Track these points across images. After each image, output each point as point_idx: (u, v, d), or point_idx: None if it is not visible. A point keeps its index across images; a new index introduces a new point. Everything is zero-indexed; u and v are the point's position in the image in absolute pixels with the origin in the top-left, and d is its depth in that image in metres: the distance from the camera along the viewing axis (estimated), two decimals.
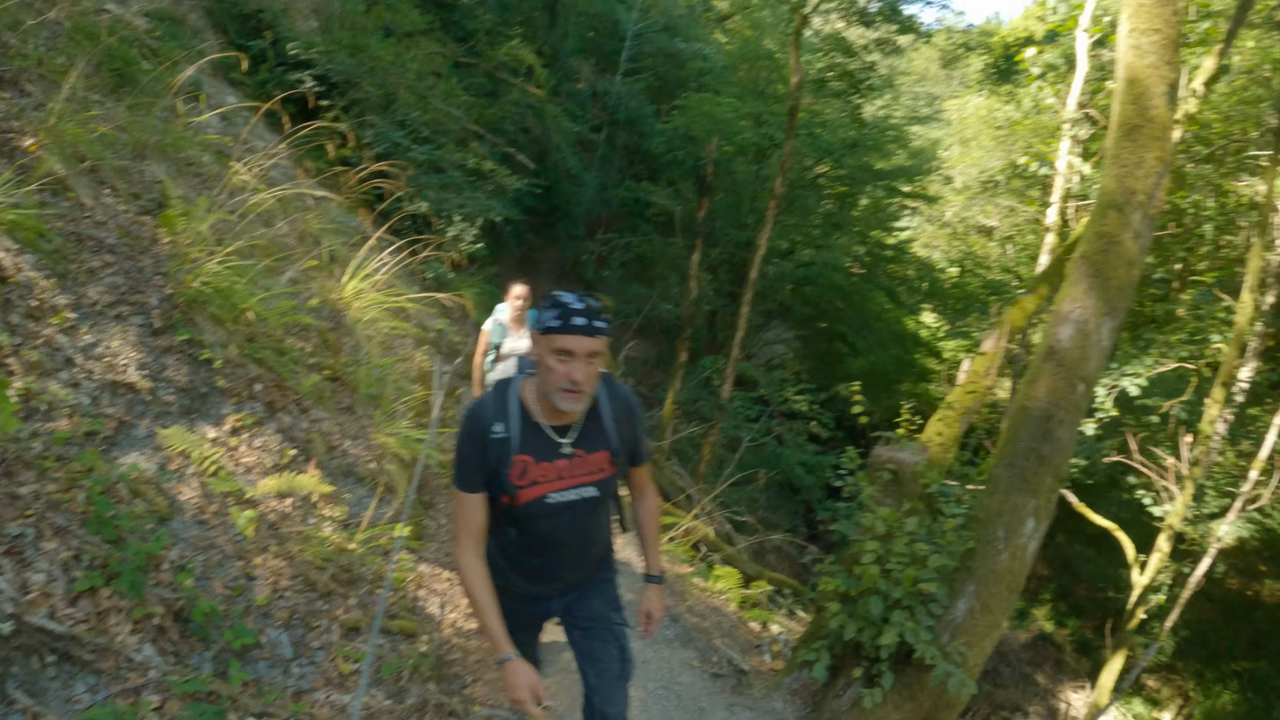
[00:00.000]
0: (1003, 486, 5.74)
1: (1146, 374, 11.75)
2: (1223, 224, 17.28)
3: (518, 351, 6.67)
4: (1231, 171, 15.54)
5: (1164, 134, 5.97)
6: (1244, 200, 14.87)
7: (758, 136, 19.98)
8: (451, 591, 5.80)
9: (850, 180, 22.53)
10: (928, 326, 27.44)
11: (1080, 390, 5.81)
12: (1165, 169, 5.96)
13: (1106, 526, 12.54)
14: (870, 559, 5.63)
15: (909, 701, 5.57)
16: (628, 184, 23.34)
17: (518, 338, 6.87)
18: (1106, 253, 5.89)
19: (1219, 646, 17.39)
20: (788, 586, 11.59)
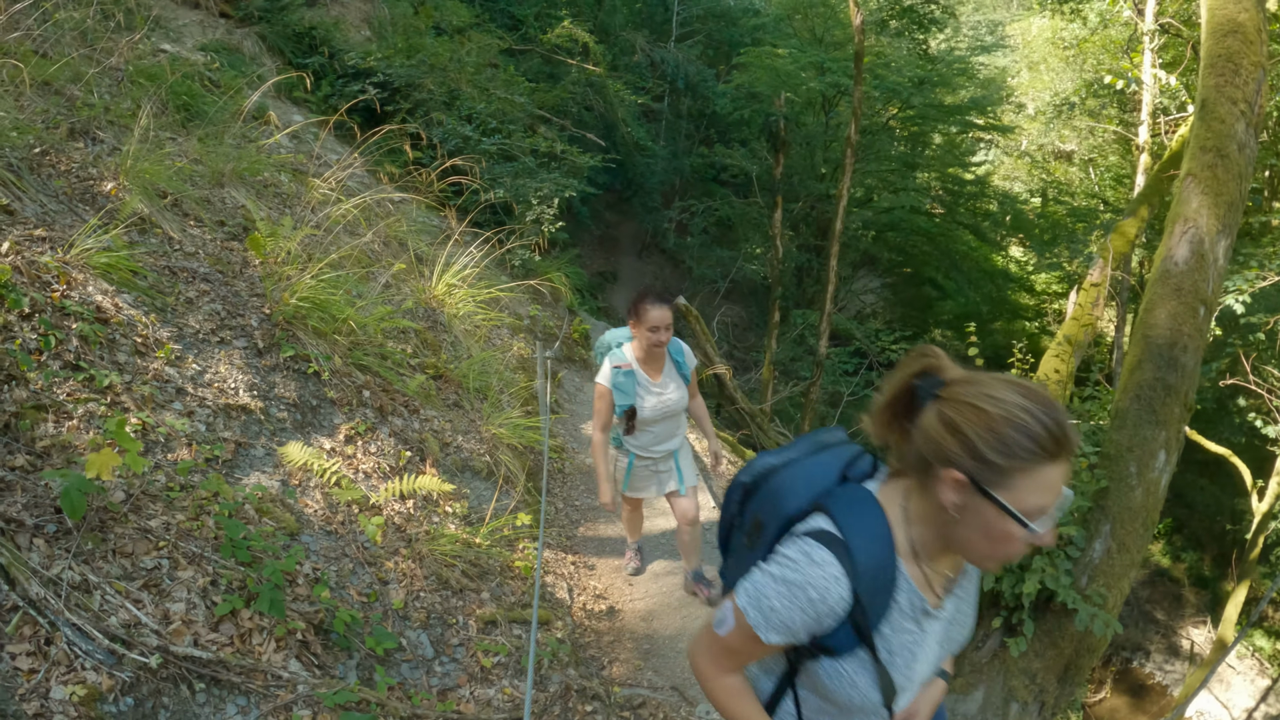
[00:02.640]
0: (1131, 420, 5.52)
1: (1249, 289, 11.25)
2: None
3: (669, 411, 5.04)
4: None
5: (1257, 37, 5.68)
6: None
7: (823, 85, 19.65)
8: (577, 575, 5.79)
9: (921, 119, 22.06)
10: (1017, 261, 26.71)
11: (1202, 314, 5.56)
12: (1264, 74, 5.67)
13: (1221, 453, 12.06)
14: None
15: (1050, 648, 5.42)
16: (699, 150, 23.16)
17: (662, 389, 5.02)
18: (1214, 167, 5.62)
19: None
20: None
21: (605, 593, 5.76)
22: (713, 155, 22.26)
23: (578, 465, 7.72)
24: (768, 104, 20.41)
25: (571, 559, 5.97)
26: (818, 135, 21.46)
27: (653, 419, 5.01)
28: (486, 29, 16.53)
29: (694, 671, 1.96)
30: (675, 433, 5.21)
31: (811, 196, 21.44)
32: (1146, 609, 17.90)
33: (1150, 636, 17.47)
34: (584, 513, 6.93)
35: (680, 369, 5.09)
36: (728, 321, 20.31)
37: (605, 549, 6.39)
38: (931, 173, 23.74)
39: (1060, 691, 5.58)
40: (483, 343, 7.83)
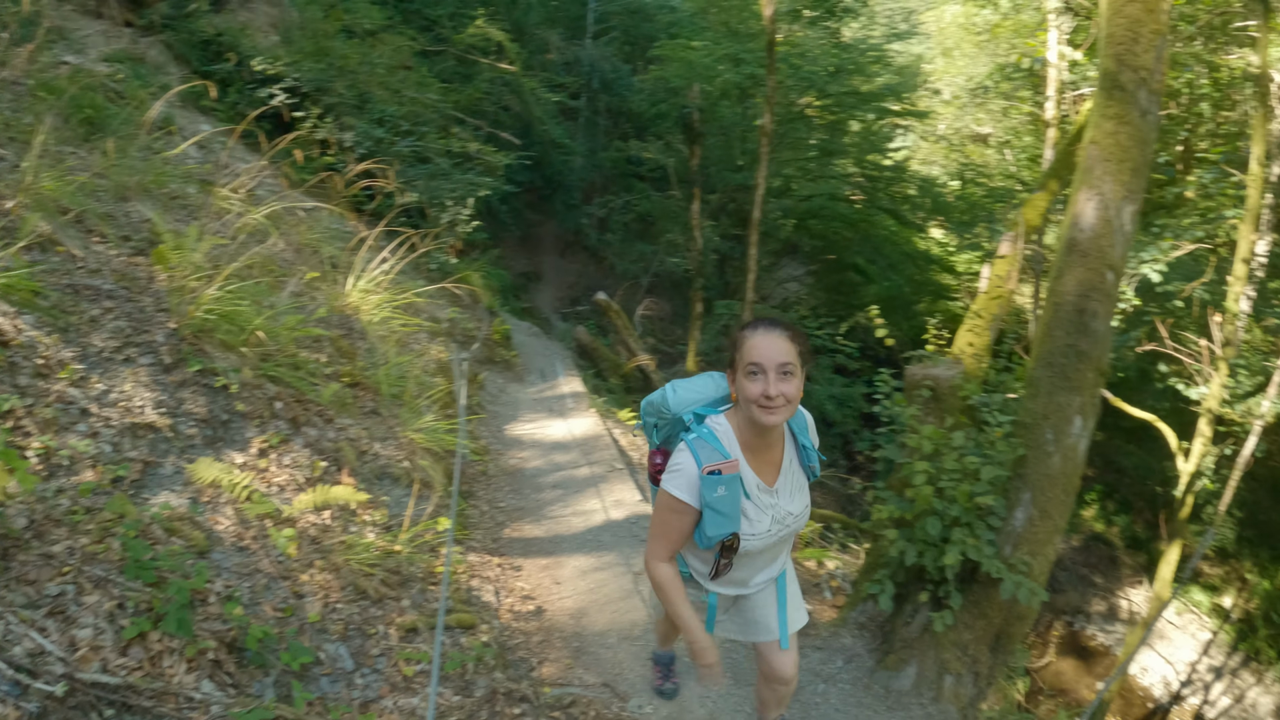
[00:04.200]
0: (1045, 388, 5.63)
1: (1165, 259, 11.57)
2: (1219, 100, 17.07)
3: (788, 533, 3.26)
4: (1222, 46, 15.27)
5: (1157, 5, 5.79)
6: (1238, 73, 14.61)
7: (739, 76, 19.78)
8: (503, 577, 5.79)
9: (838, 107, 22.22)
10: (938, 242, 27.17)
11: (1110, 279, 5.66)
12: (1164, 42, 5.80)
13: (1145, 418, 12.40)
14: (922, 480, 5.51)
15: (980, 619, 5.52)
16: (616, 144, 23.20)
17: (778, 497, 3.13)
18: (1117, 135, 5.71)
19: (1272, 526, 17.26)
20: (836, 521, 11.57)
21: (533, 593, 5.76)
22: (629, 150, 22.32)
23: (501, 466, 7.72)
24: (684, 98, 20.51)
25: (497, 561, 5.96)
26: (734, 126, 21.58)
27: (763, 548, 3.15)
28: (399, 31, 16.39)
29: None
30: (781, 553, 3.47)
31: (729, 187, 21.59)
32: (1084, 573, 18.46)
33: (1090, 599, 18.03)
34: (508, 514, 6.93)
35: (805, 456, 3.19)
36: (652, 315, 20.39)
37: (531, 549, 6.39)
38: (850, 159, 23.99)
39: (994, 661, 5.69)
40: (400, 348, 7.78)
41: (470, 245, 12.74)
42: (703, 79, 19.92)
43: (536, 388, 11.42)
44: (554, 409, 10.34)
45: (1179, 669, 16.39)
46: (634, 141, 22.53)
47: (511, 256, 21.43)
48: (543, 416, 9.96)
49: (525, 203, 20.59)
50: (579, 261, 23.97)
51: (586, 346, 14.66)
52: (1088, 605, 17.99)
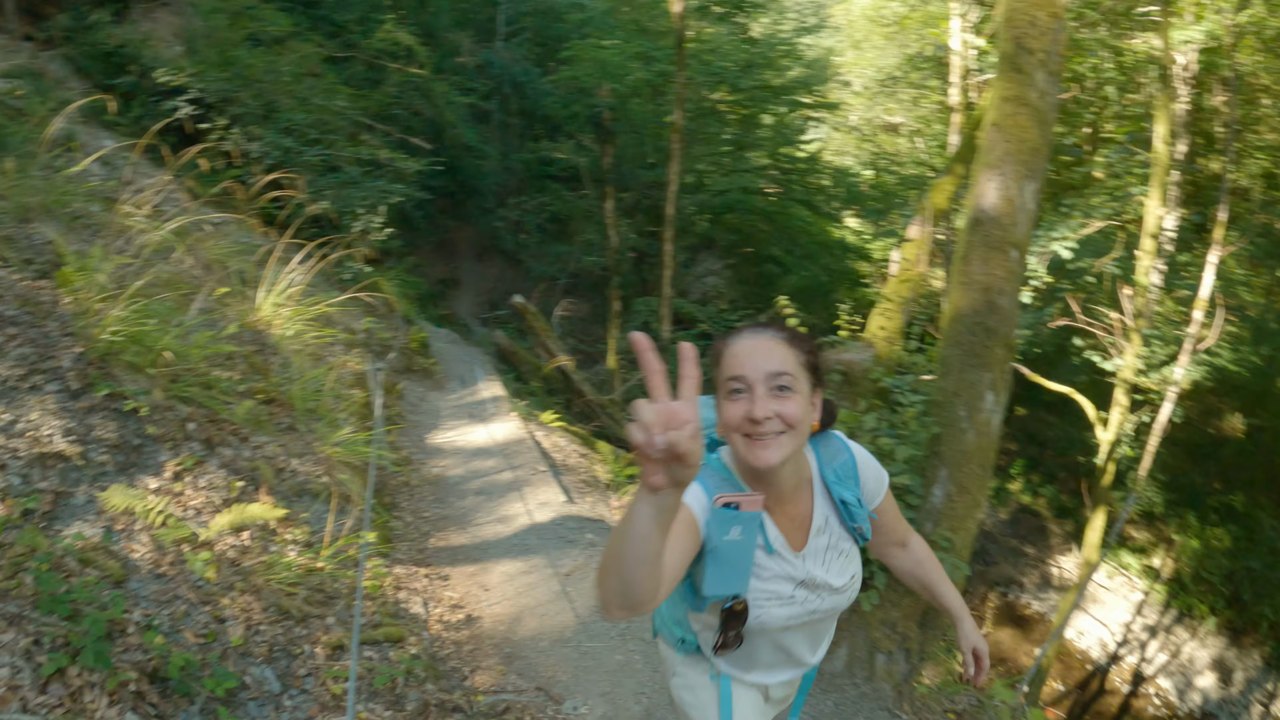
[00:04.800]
0: (955, 366, 5.74)
1: (1074, 236, 11.90)
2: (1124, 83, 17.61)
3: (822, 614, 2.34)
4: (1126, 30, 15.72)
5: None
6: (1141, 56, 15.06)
7: (650, 74, 19.86)
8: (431, 587, 5.77)
9: (750, 101, 22.47)
10: (854, 231, 27.60)
11: (1014, 256, 5.80)
12: (1061, 24, 5.94)
13: (1063, 391, 12.78)
14: None
15: (906, 596, 5.61)
16: (528, 146, 23.16)
17: (811, 564, 2.26)
18: (1017, 115, 5.85)
19: (1193, 488, 17.97)
20: None
21: (461, 601, 5.75)
22: (541, 150, 22.28)
23: (424, 476, 7.68)
24: (595, 97, 20.55)
25: (424, 572, 5.93)
26: (646, 124, 21.69)
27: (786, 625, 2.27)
28: (306, 37, 16.14)
29: None
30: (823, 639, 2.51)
31: (643, 184, 21.70)
32: (1014, 544, 19.15)
33: (1022, 569, 18.69)
34: (433, 524, 6.90)
35: (847, 514, 2.28)
36: (571, 316, 20.40)
37: (459, 557, 6.38)
38: (764, 153, 24.24)
39: (924, 636, 5.79)
40: (314, 361, 7.69)
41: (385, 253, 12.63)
42: (614, 78, 19.97)
43: (457, 394, 11.37)
44: (475, 415, 10.31)
45: (1114, 630, 17.16)
46: (546, 142, 22.51)
47: (428, 263, 21.27)
48: (464, 423, 9.92)
49: (440, 208, 20.42)
50: (497, 265, 23.85)
51: (506, 350, 14.63)
52: (1020, 575, 18.62)
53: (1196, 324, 11.59)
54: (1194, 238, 14.68)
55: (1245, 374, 17.41)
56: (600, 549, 6.75)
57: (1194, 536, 17.32)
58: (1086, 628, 17.39)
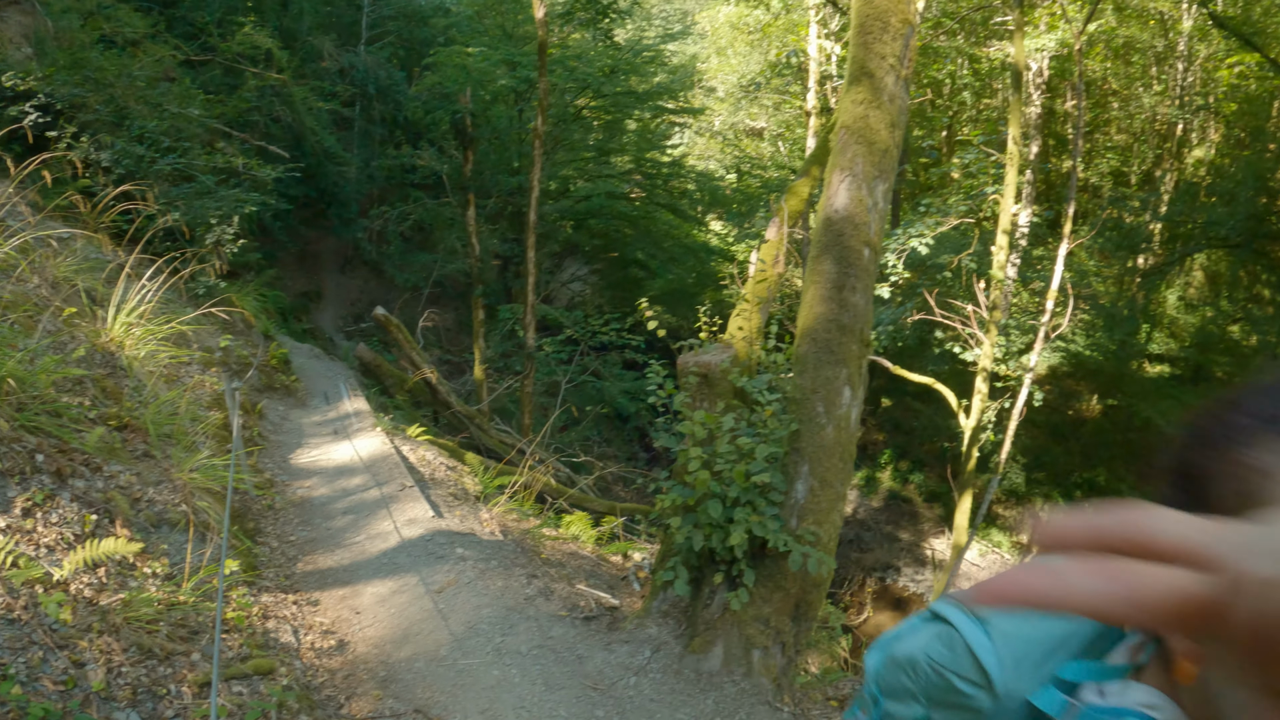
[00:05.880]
0: (812, 363, 5.86)
1: (931, 234, 12.29)
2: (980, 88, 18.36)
3: None
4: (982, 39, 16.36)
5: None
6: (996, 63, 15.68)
7: (514, 81, 19.77)
8: (301, 614, 5.61)
9: (614, 107, 22.60)
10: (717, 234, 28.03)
11: (867, 255, 5.94)
12: (911, 31, 6.11)
13: (925, 382, 13.20)
14: (697, 464, 5.64)
15: (776, 591, 5.69)
16: (389, 153, 22.77)
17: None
18: (867, 118, 6.01)
19: (1056, 466, 19.18)
20: (639, 513, 11.75)
21: (333, 627, 5.61)
22: (401, 156, 21.93)
23: (289, 498, 7.48)
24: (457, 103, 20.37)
25: (293, 598, 5.77)
26: (509, 130, 21.58)
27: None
28: (164, 39, 15.53)
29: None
30: None
31: (506, 191, 21.57)
32: (888, 530, 19.95)
33: (898, 554, 19.46)
34: (300, 547, 6.71)
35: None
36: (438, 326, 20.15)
37: (328, 581, 6.22)
38: (628, 158, 24.38)
39: (797, 629, 5.88)
40: (169, 383, 7.41)
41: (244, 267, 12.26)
42: (478, 84, 19.83)
43: (320, 412, 11.10)
44: (339, 432, 10.09)
45: None
46: (408, 149, 22.16)
47: (289, 276, 20.78)
48: (328, 441, 9.70)
49: (301, 219, 19.95)
50: (360, 276, 23.41)
51: (369, 364, 14.36)
52: (896, 559, 19.38)
53: (1049, 313, 12.10)
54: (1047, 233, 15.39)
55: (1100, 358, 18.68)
56: (471, 563, 6.67)
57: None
58: None
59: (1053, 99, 17.53)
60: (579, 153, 22.83)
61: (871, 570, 19.25)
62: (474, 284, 18.79)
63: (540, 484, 10.96)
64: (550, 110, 18.24)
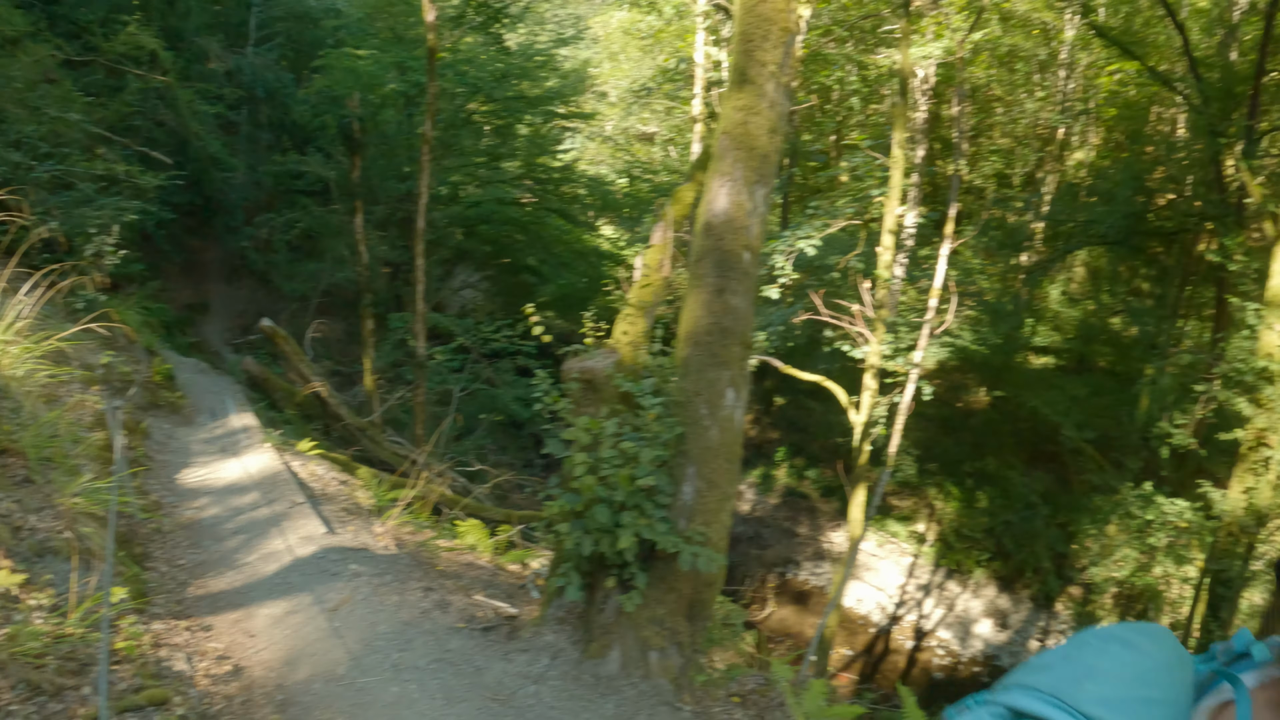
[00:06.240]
0: (695, 366, 5.94)
1: (819, 235, 12.49)
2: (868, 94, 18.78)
3: None
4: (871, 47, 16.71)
5: (785, 5, 6.17)
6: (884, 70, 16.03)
7: (404, 84, 19.53)
8: (194, 640, 5.46)
9: (505, 112, 22.49)
10: (609, 239, 28.13)
11: (747, 258, 6.03)
12: (792, 38, 6.19)
13: (815, 380, 13.44)
14: (582, 470, 5.67)
15: (669, 593, 5.77)
16: (275, 159, 22.25)
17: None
18: (747, 124, 6.07)
19: (948, 457, 20.03)
20: (536, 520, 11.73)
21: (228, 651, 5.48)
22: (287, 162, 21.42)
23: (177, 520, 7.28)
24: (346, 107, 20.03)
25: (185, 624, 5.61)
26: (399, 135, 21.29)
27: None
28: (44, 38, 14.88)
29: None
30: None
31: (395, 197, 21.25)
32: (787, 526, 20.46)
33: (797, 549, 20.04)
34: (191, 571, 6.54)
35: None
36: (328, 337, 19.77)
37: (220, 604, 6.08)
38: (519, 163, 24.28)
39: (693, 628, 5.98)
40: (49, 403, 7.14)
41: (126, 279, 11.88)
42: (368, 87, 19.55)
43: (207, 429, 10.82)
44: (228, 449, 9.86)
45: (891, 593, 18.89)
46: (292, 154, 21.67)
47: (175, 288, 20.19)
48: (217, 459, 9.47)
49: (185, 227, 19.37)
50: (248, 287, 22.76)
51: (257, 377, 14.06)
52: (795, 554, 19.88)
53: (932, 310, 12.45)
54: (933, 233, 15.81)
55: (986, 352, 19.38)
56: (366, 578, 6.58)
57: (953, 500, 19.38)
58: (865, 595, 18.94)
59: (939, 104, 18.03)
60: (469, 158, 22.60)
61: (772, 566, 19.62)
62: (363, 293, 18.51)
63: (435, 495, 10.88)
64: (440, 115, 18.08)
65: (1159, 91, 18.64)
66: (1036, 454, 19.79)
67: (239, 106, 22.29)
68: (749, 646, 8.21)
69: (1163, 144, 19.42)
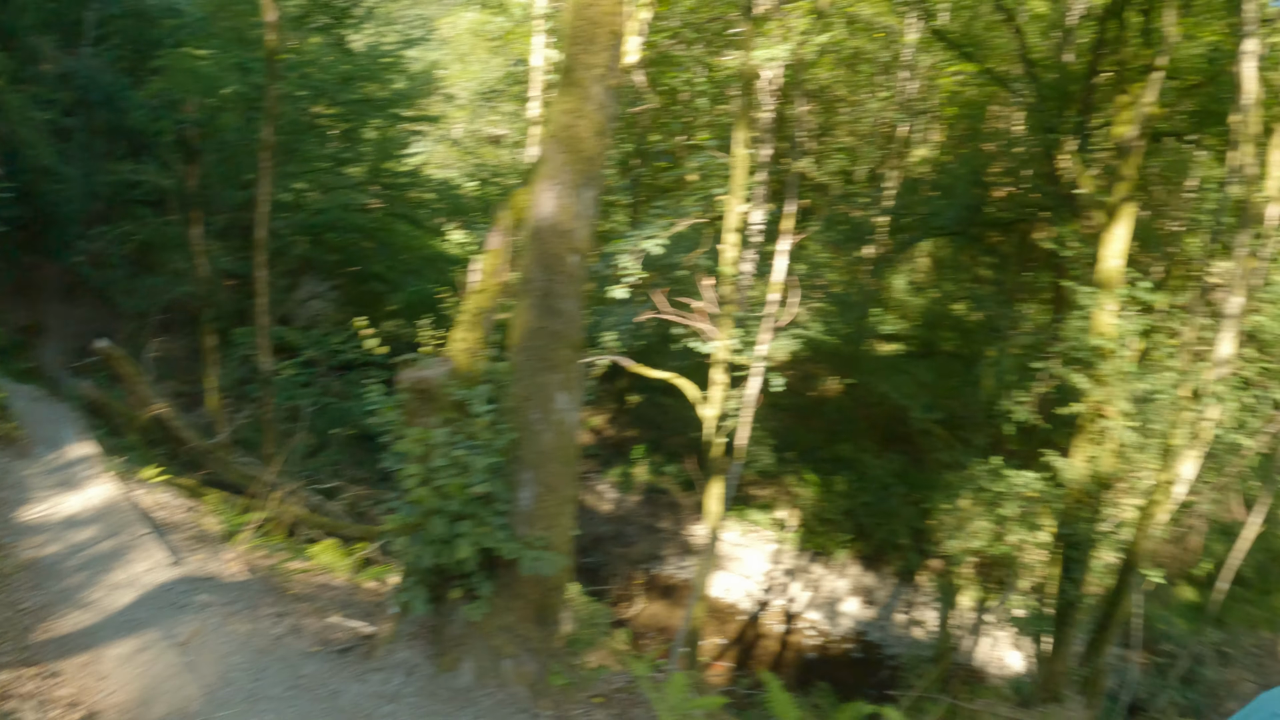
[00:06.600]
0: (526, 371, 6.02)
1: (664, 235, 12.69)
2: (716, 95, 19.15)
3: None
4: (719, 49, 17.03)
5: (615, 7, 6.24)
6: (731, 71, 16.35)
7: (246, 87, 18.94)
8: (43, 688, 5.36)
9: (351, 115, 22.04)
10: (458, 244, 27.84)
11: (574, 262, 6.12)
12: (619, 41, 6.28)
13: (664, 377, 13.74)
14: (415, 482, 5.71)
15: (516, 599, 5.86)
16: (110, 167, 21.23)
17: None
18: (574, 127, 6.13)
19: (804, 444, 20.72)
20: None
21: (78, 698, 5.41)
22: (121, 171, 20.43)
23: (17, 561, 7.07)
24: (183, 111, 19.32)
25: (32, 672, 5.51)
26: (240, 141, 20.42)
27: None
28: None
29: None
30: None
31: (236, 206, 20.38)
32: (649, 523, 20.79)
33: (661, 544, 20.37)
34: (34, 615, 6.39)
35: None
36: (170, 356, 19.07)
37: (67, 647, 5.97)
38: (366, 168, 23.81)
39: (544, 632, 6.06)
40: None
41: None
42: (210, 90, 18.93)
43: (45, 460, 10.46)
44: (68, 481, 9.60)
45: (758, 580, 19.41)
46: (130, 163, 20.71)
47: (6, 309, 19.23)
48: (56, 492, 9.22)
49: (17, 243, 18.40)
50: (85, 306, 21.48)
51: (96, 403, 13.58)
52: (660, 550, 20.34)
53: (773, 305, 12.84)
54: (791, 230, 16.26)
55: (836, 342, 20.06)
56: (216, 608, 6.49)
57: (812, 486, 20.04)
58: (732, 584, 19.37)
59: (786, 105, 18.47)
60: (314, 164, 21.94)
61: (638, 563, 19.90)
62: (204, 308, 17.90)
63: (289, 515, 10.74)
64: (282, 119, 17.58)
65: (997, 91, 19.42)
66: (889, 436, 20.54)
67: (73, 112, 21.22)
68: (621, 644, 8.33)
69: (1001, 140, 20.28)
